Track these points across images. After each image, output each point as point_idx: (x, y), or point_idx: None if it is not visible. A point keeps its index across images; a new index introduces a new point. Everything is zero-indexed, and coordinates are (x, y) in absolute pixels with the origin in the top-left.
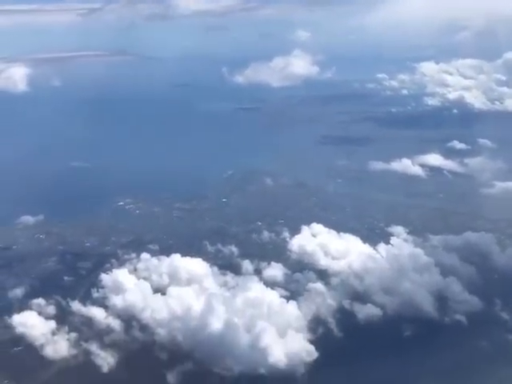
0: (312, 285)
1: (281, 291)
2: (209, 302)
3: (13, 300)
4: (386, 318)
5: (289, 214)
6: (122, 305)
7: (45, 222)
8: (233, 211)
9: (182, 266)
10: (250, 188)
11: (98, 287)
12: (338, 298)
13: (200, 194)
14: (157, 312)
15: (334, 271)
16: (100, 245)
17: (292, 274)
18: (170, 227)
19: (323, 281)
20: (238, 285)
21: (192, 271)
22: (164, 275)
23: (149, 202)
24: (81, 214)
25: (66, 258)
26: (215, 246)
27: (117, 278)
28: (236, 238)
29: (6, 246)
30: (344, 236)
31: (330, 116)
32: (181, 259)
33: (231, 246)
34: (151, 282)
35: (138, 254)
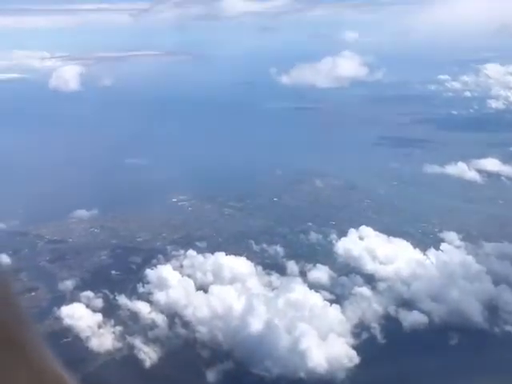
0: (358, 289)
1: (325, 294)
2: (250, 302)
3: (63, 292)
4: (432, 325)
5: (340, 215)
6: (165, 301)
7: (99, 217)
8: (283, 211)
9: (225, 265)
10: (302, 188)
11: (144, 282)
12: (383, 303)
13: (252, 193)
14: (198, 309)
15: (381, 276)
16: (151, 240)
17: (338, 277)
18: (219, 225)
19: (369, 285)
20: (282, 286)
21: (236, 270)
22: (208, 273)
23: (202, 199)
24: (134, 209)
25: (118, 252)
26: (260, 245)
27: (161, 274)
28: (283, 238)
29: (62, 238)
30: (394, 240)
31: (387, 117)
32: (225, 257)
33: (277, 246)
34: (195, 279)
35: (185, 251)
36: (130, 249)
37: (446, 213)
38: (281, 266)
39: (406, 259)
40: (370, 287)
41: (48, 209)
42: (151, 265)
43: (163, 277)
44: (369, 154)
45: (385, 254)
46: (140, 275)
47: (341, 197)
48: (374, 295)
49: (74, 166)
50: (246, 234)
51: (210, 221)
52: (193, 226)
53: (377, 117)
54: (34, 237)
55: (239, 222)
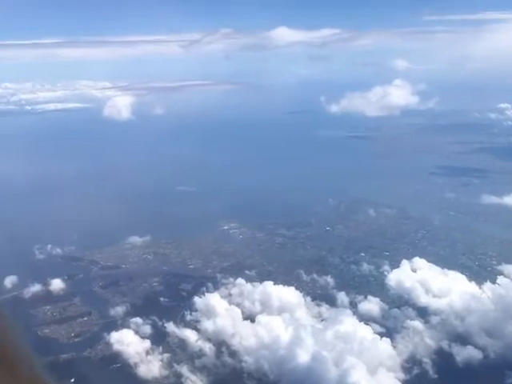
0: (410, 322)
1: (376, 327)
2: (298, 333)
3: (114, 317)
4: (487, 361)
5: (393, 246)
6: (212, 329)
7: (152, 243)
8: (335, 240)
9: (274, 294)
10: (355, 217)
11: (192, 310)
12: (436, 337)
13: (304, 221)
14: (245, 339)
15: (435, 309)
16: (202, 267)
17: (389, 309)
18: (270, 254)
19: (422, 319)
20: (331, 317)
21: (284, 300)
22: (256, 302)
23: (253, 227)
24: (186, 236)
25: (169, 278)
26: (311, 275)
27: (209, 302)
28: (334, 268)
29: (116, 264)
30: (448, 273)
31: (444, 146)
32: (274, 287)
33: (327, 277)
34: (243, 307)
35: (235, 279)
36: (181, 276)
37: (504, 245)
38: (331, 296)
39: (460, 292)
40: (422, 321)
41: (103, 235)
42: (200, 292)
43: (211, 305)
44: (424, 184)
45: (439, 286)
46: (189, 303)
47: (395, 227)
48: (426, 329)
49: (128, 192)
50: (296, 264)
51: (260, 249)
52: (243, 254)
53: (433, 145)
54: (88, 262)
55: (290, 251)
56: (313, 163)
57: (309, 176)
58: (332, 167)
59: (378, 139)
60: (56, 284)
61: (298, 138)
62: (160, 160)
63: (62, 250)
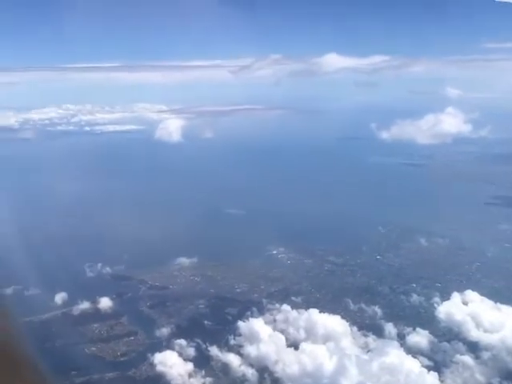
0: (459, 357)
1: (423, 360)
2: (342, 363)
3: (159, 338)
4: None
5: (446, 277)
6: (256, 354)
7: (200, 265)
8: (386, 269)
9: (319, 322)
10: (407, 246)
11: (236, 334)
12: (487, 373)
13: (354, 249)
14: (288, 366)
15: (486, 345)
16: (249, 291)
17: (439, 343)
18: (318, 280)
19: (473, 354)
20: (377, 348)
21: (329, 328)
22: (301, 329)
23: (301, 252)
24: (234, 259)
25: (215, 302)
26: (358, 304)
27: (253, 327)
28: (383, 298)
29: (164, 285)
30: (502, 307)
31: (499, 175)
32: (319, 314)
33: (375, 307)
34: (288, 334)
35: (281, 305)
36: (228, 299)
37: None
38: (378, 327)
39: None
40: (473, 356)
41: (152, 255)
42: (245, 317)
43: (255, 330)
44: (479, 214)
45: (491, 320)
46: (234, 327)
47: (448, 257)
48: (476, 364)
49: (177, 213)
50: (344, 292)
51: (308, 275)
52: (291, 280)
53: (488, 175)
54: (137, 281)
55: (339, 278)
56: (365, 189)
57: (360, 202)
58: (385, 194)
59: (431, 167)
60: (104, 302)
61: (349, 164)
62: (211, 182)
63: (111, 269)
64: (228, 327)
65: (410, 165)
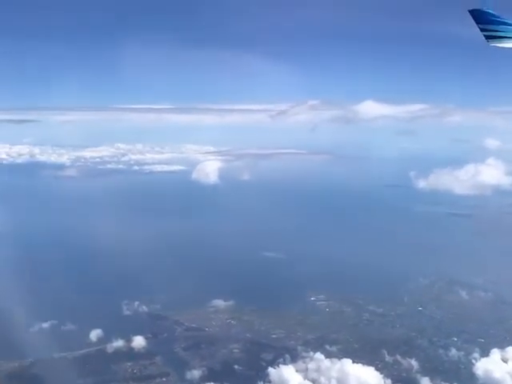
0: None
1: None
2: None
3: (191, 381)
4: None
5: (489, 332)
6: None
7: (236, 308)
8: (427, 322)
9: (352, 373)
10: (450, 299)
11: (265, 381)
12: None
13: (395, 299)
14: None
15: None
16: (285, 338)
17: None
18: (356, 330)
19: None
20: None
21: (362, 380)
22: (333, 379)
23: (341, 300)
24: (272, 304)
25: (250, 347)
26: (395, 356)
27: (283, 375)
28: (422, 351)
29: (199, 326)
30: None
31: None
32: (352, 365)
33: (412, 359)
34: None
35: (315, 353)
36: (263, 345)
37: None
38: (414, 381)
39: None
40: None
41: (189, 296)
42: (278, 364)
43: (285, 378)
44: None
45: None
46: (265, 373)
47: (492, 312)
48: None
49: (213, 255)
50: (382, 343)
51: (347, 324)
52: (329, 328)
53: None
54: (173, 322)
55: (378, 328)
56: (407, 238)
57: (405, 251)
58: (428, 244)
59: (476, 217)
60: (139, 341)
61: (393, 212)
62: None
63: (148, 308)
64: (261, 373)
65: (455, 215)
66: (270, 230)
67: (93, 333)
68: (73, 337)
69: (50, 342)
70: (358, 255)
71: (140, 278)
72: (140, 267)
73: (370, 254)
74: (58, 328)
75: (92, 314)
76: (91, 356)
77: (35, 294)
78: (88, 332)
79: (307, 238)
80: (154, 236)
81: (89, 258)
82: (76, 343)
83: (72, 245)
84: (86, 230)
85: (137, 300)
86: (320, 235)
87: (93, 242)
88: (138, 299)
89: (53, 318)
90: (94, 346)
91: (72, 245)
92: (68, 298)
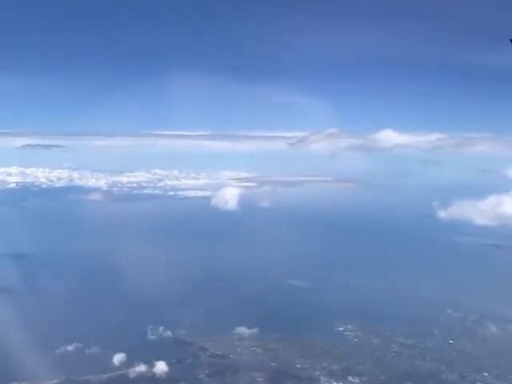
0: None
1: None
2: None
3: None
4: None
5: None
6: None
7: (262, 336)
8: (457, 355)
9: None
10: (483, 333)
11: None
12: None
13: (426, 332)
14: None
15: None
16: (310, 368)
17: None
18: (384, 361)
19: None
20: None
21: None
22: None
23: (369, 331)
24: (298, 333)
25: (275, 376)
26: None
27: None
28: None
29: (224, 354)
30: None
31: None
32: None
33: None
34: None
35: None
36: (287, 374)
37: None
38: None
39: None
40: None
41: (213, 322)
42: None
43: None
44: None
45: None
46: None
47: None
48: None
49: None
50: (410, 375)
51: (374, 356)
52: (355, 359)
53: None
54: (198, 348)
55: (406, 361)
56: (440, 270)
57: (436, 283)
58: (464, 276)
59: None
60: (163, 366)
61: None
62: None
63: (172, 333)
64: None
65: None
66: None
67: (117, 356)
68: (98, 360)
69: (75, 365)
70: (388, 286)
71: (165, 303)
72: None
73: (399, 284)
74: (82, 351)
75: (117, 338)
76: (116, 379)
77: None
78: (112, 355)
79: (334, 267)
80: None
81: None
82: (101, 367)
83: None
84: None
85: (162, 325)
86: (348, 264)
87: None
88: (163, 324)
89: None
90: (118, 369)
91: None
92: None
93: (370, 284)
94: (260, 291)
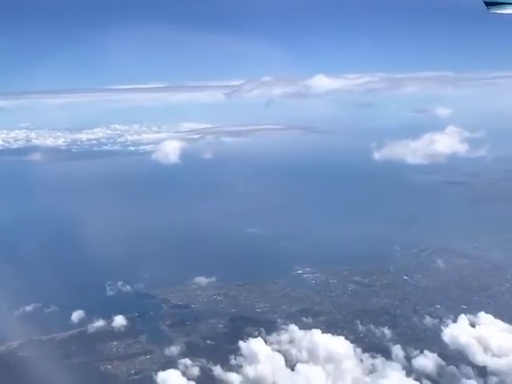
0: (466, 381)
1: None
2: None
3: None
4: None
5: (473, 299)
6: (253, 375)
7: (222, 284)
8: (411, 290)
9: (321, 343)
10: (438, 267)
11: (236, 354)
12: None
13: (381, 269)
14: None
15: (494, 369)
16: (269, 311)
17: (446, 366)
18: (341, 301)
19: (481, 379)
20: (378, 370)
21: (332, 350)
22: (303, 350)
23: (327, 272)
24: (258, 279)
25: (235, 321)
26: (374, 325)
27: (252, 348)
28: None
29: (186, 304)
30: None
31: None
32: (324, 336)
33: (384, 328)
34: (290, 355)
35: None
36: (247, 319)
37: None
38: (384, 349)
39: None
40: (481, 380)
41: (171, 274)
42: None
43: (254, 351)
44: None
45: (500, 344)
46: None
47: (478, 279)
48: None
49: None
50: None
51: (331, 296)
52: (313, 301)
53: None
54: (160, 301)
55: (362, 299)
56: (390, 209)
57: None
58: (411, 213)
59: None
60: (121, 321)
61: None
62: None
63: (130, 288)
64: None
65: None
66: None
67: (75, 314)
68: (57, 319)
69: (35, 325)
70: (342, 227)
71: (123, 258)
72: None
73: (353, 225)
74: (41, 311)
75: (75, 296)
76: (75, 336)
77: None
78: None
79: (288, 213)
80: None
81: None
82: (60, 325)
83: (56, 228)
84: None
85: (120, 280)
86: (301, 209)
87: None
88: (121, 279)
89: (36, 301)
90: (77, 327)
91: (56, 228)
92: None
93: (324, 227)
94: (217, 241)
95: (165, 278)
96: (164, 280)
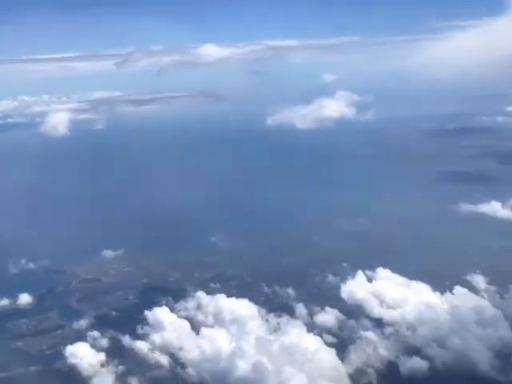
0: (364, 333)
1: (328, 338)
2: (240, 345)
3: (76, 331)
4: (434, 372)
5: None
6: (160, 342)
7: (132, 256)
8: (318, 251)
9: (226, 307)
10: (344, 228)
11: (143, 324)
12: (388, 348)
13: (292, 231)
14: (189, 352)
15: (388, 320)
16: (181, 280)
17: (347, 320)
18: (252, 265)
19: (377, 330)
20: (280, 328)
21: (237, 312)
22: (209, 315)
23: (240, 237)
24: (169, 249)
25: (146, 292)
26: (272, 287)
27: (157, 316)
28: (307, 279)
29: (95, 277)
30: (412, 283)
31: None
32: (228, 300)
33: (288, 289)
34: (196, 321)
35: (207, 292)
36: (159, 289)
37: (483, 255)
38: (288, 308)
39: (417, 303)
40: (378, 332)
41: (76, 249)
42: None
43: (159, 318)
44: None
45: (393, 297)
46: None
47: (386, 237)
48: (379, 340)
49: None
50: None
51: (242, 260)
52: (226, 267)
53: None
54: (69, 276)
55: (270, 261)
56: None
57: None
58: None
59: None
60: (30, 298)
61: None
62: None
63: (35, 264)
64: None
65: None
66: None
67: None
68: None
69: None
70: (256, 193)
71: (21, 236)
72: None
73: (267, 191)
74: None
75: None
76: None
77: None
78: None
79: (199, 183)
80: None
81: None
82: None
83: None
84: None
85: (23, 258)
86: (208, 178)
87: None
88: (24, 257)
89: None
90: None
91: None
92: None
93: (235, 193)
94: (120, 213)
95: (69, 254)
96: (68, 256)
